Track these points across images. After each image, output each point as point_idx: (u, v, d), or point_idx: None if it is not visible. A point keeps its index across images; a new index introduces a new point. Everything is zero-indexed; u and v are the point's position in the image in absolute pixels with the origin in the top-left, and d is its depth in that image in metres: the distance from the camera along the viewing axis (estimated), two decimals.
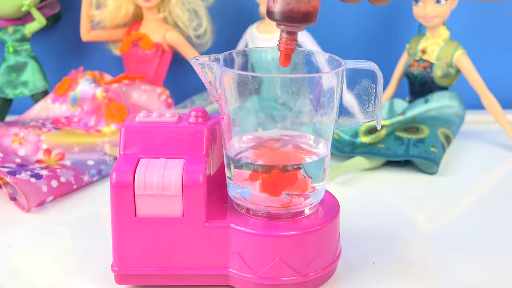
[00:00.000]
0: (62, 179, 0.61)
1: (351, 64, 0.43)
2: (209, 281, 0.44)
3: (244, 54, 0.45)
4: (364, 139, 0.70)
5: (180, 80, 0.92)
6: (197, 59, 0.42)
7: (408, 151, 0.67)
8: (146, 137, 0.45)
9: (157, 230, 0.43)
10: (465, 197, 0.63)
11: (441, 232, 0.55)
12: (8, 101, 0.80)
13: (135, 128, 0.45)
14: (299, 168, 0.43)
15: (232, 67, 0.44)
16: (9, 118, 0.81)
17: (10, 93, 0.79)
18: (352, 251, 0.50)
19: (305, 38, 0.80)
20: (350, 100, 0.45)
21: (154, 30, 0.80)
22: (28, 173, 0.59)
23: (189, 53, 0.81)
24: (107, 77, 0.81)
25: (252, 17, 0.85)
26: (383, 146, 0.69)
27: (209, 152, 0.45)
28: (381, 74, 0.43)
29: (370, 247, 0.51)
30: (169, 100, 0.79)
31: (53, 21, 0.84)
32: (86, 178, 0.63)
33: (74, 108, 0.76)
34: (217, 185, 0.47)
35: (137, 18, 0.83)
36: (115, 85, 0.76)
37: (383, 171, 0.68)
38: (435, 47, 0.76)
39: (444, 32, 0.76)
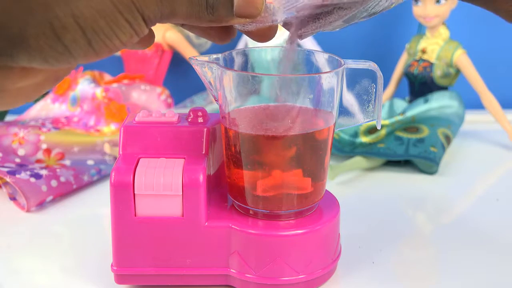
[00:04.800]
0: (62, 179, 0.61)
1: (351, 64, 0.43)
2: (209, 281, 0.44)
3: (244, 54, 0.45)
4: (364, 139, 0.70)
5: (180, 80, 0.92)
6: (196, 59, 0.42)
7: (408, 151, 0.67)
8: (146, 137, 0.45)
9: (157, 230, 0.43)
10: (465, 197, 0.63)
11: (441, 232, 0.55)
12: None
13: (134, 128, 0.45)
14: (300, 168, 0.43)
15: (232, 66, 0.44)
16: (9, 118, 0.81)
17: None
18: (352, 251, 0.50)
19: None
20: (350, 100, 0.45)
21: (153, 30, 0.80)
22: (28, 172, 0.59)
23: (188, 53, 0.81)
24: (107, 77, 0.81)
25: None
26: (383, 146, 0.69)
27: (209, 152, 0.45)
28: (381, 74, 0.43)
29: (370, 247, 0.51)
30: (169, 100, 0.79)
31: None
32: (85, 178, 0.63)
33: (73, 108, 0.76)
34: (217, 185, 0.47)
35: None
36: (114, 85, 0.76)
37: (383, 171, 0.68)
38: (435, 47, 0.76)
39: (444, 32, 0.76)
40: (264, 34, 0.36)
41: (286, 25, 0.37)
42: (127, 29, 0.29)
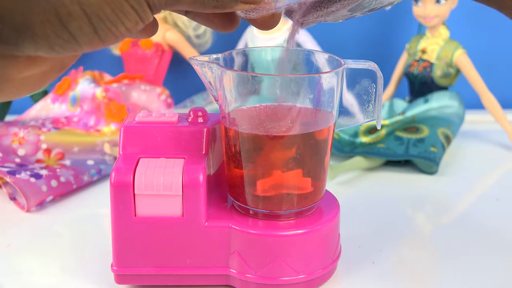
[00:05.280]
0: (62, 179, 0.61)
1: (351, 64, 0.43)
2: (209, 281, 0.44)
3: (244, 54, 0.45)
4: (364, 139, 0.70)
5: (180, 80, 0.92)
6: (196, 59, 0.42)
7: (408, 151, 0.67)
8: (146, 137, 0.45)
9: (157, 230, 0.43)
10: (465, 197, 0.63)
11: (441, 232, 0.55)
12: (8, 101, 0.80)
13: (134, 128, 0.45)
14: (300, 168, 0.43)
15: (232, 67, 0.44)
16: (9, 118, 0.81)
17: None
18: (352, 251, 0.50)
19: (304, 38, 0.80)
20: (350, 100, 0.45)
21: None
22: (28, 172, 0.59)
23: (188, 53, 0.81)
24: (107, 77, 0.81)
25: None
26: (383, 146, 0.69)
27: (209, 152, 0.45)
28: (381, 74, 0.43)
29: (370, 247, 0.51)
30: (169, 100, 0.79)
31: None
32: (85, 178, 0.63)
33: (73, 108, 0.76)
34: (217, 185, 0.47)
35: None
36: (114, 85, 0.76)
37: (383, 171, 0.68)
38: (435, 47, 0.76)
39: (444, 32, 0.76)
40: (267, 22, 0.36)
41: (288, 12, 0.37)
42: (132, 15, 0.29)
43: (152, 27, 0.35)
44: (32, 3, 0.27)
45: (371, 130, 0.71)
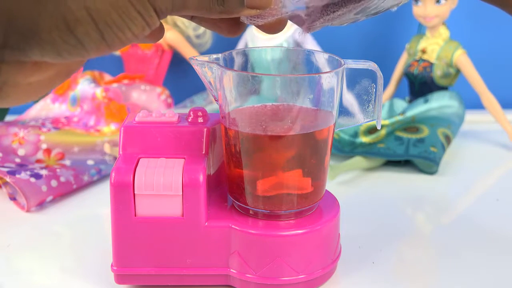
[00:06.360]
0: (62, 179, 0.61)
1: (351, 64, 0.43)
2: (209, 281, 0.44)
3: (244, 54, 0.45)
4: (364, 139, 0.70)
5: (180, 80, 0.92)
6: (196, 59, 0.42)
7: (408, 151, 0.67)
8: (146, 137, 0.45)
9: (157, 230, 0.43)
10: (465, 197, 0.63)
11: (441, 232, 0.55)
12: None
13: (134, 128, 0.45)
14: (300, 168, 0.43)
15: (232, 66, 0.44)
16: (9, 118, 0.81)
17: None
18: (352, 251, 0.50)
19: (304, 38, 0.80)
20: (350, 100, 0.45)
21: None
22: (28, 172, 0.59)
23: (188, 53, 0.81)
24: (107, 77, 0.81)
25: None
26: (383, 146, 0.69)
27: (209, 152, 0.45)
28: (381, 74, 0.43)
29: (370, 247, 0.51)
30: (169, 100, 0.79)
31: None
32: (85, 178, 0.63)
33: (73, 107, 0.76)
34: (217, 185, 0.47)
35: None
36: (114, 85, 0.76)
37: (383, 171, 0.68)
38: (435, 47, 0.76)
39: (444, 32, 0.76)
40: (274, 26, 0.36)
41: (294, 18, 0.37)
42: (139, 21, 0.29)
43: (159, 32, 0.35)
44: (40, 8, 0.27)
45: (371, 130, 0.71)
